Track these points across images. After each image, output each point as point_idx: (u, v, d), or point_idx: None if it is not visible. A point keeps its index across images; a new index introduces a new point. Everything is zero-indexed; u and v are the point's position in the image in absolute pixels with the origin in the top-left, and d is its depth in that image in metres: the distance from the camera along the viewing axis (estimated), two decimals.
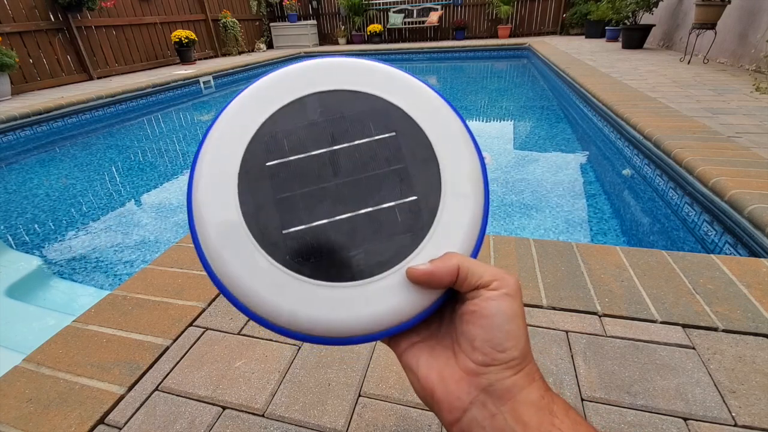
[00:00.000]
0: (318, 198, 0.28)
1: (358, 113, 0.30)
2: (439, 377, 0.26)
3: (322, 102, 0.30)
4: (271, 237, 0.27)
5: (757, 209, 1.27)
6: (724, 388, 0.69)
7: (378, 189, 0.28)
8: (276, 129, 0.29)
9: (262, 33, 9.92)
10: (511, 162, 2.69)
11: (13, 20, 4.82)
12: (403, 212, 0.28)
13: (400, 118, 0.30)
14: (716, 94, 2.87)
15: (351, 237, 0.27)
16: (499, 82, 5.98)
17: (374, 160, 0.29)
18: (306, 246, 0.27)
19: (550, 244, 1.12)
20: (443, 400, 0.25)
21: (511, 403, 0.24)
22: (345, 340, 0.27)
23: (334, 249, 0.27)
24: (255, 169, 0.28)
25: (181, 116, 4.61)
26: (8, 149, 3.48)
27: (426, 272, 0.26)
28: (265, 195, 0.27)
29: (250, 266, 0.26)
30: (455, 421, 0.25)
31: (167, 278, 1.06)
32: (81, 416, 0.70)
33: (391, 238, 0.27)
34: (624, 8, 5.61)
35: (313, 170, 0.28)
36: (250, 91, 0.31)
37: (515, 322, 0.25)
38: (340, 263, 0.27)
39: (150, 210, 2.28)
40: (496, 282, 0.25)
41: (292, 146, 0.28)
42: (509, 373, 0.24)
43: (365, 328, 0.27)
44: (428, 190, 0.28)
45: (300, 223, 0.27)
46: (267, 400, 0.72)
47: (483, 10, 8.98)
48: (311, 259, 0.27)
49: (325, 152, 0.28)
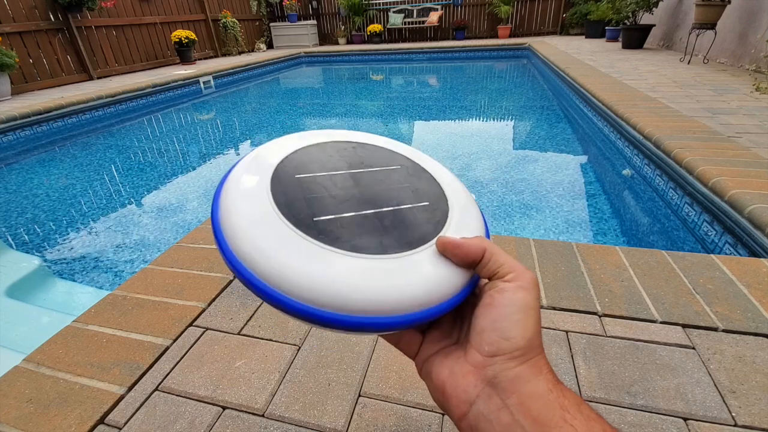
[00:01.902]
0: (344, 198, 0.30)
1: (377, 159, 0.35)
2: (449, 373, 0.26)
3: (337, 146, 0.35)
4: (304, 221, 0.28)
5: (757, 209, 1.27)
6: (724, 388, 0.69)
7: (395, 195, 0.32)
8: (303, 155, 0.33)
9: (262, 33, 9.92)
10: (511, 162, 2.69)
11: (13, 20, 4.82)
12: (420, 211, 0.31)
13: (403, 159, 0.36)
14: (716, 94, 2.87)
15: (379, 225, 0.29)
16: (499, 82, 5.98)
17: (388, 179, 0.33)
18: (337, 228, 0.28)
19: (550, 244, 1.12)
20: (452, 395, 0.25)
21: (517, 395, 0.23)
22: (368, 319, 0.25)
23: (364, 232, 0.28)
24: (285, 178, 0.30)
25: (181, 116, 4.61)
26: (8, 149, 3.48)
27: (455, 242, 0.27)
28: (296, 193, 0.29)
29: (283, 240, 0.26)
30: (463, 415, 0.25)
31: (167, 278, 1.06)
32: (81, 416, 0.70)
33: (416, 226, 0.30)
34: (624, 8, 5.61)
35: (337, 182, 0.31)
36: (293, 134, 0.36)
37: (525, 313, 0.24)
38: (372, 242, 0.28)
39: (150, 210, 2.28)
40: (512, 274, 0.26)
41: (316, 168, 0.32)
42: (513, 363, 0.24)
43: (411, 303, 0.26)
44: (438, 199, 0.33)
45: (330, 213, 0.29)
46: (267, 400, 0.72)
47: (483, 10, 8.98)
48: (345, 238, 0.27)
49: (347, 172, 0.33)
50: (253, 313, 0.93)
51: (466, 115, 4.15)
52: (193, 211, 2.22)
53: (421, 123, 3.96)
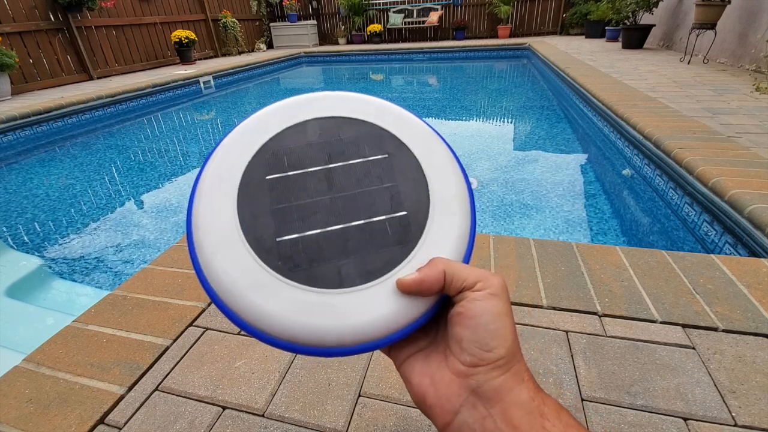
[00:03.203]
0: (312, 210, 0.29)
1: (354, 137, 0.32)
2: (431, 381, 0.26)
3: (322, 126, 0.32)
4: (265, 243, 0.27)
5: (757, 209, 1.27)
6: (724, 388, 0.69)
7: (370, 204, 0.29)
8: (278, 147, 0.31)
9: (262, 33, 9.92)
10: (511, 162, 2.69)
11: (13, 20, 4.82)
12: (393, 225, 0.29)
13: (392, 143, 0.32)
14: (716, 94, 2.87)
15: (342, 247, 0.28)
16: (499, 82, 5.98)
17: (367, 177, 0.30)
18: (298, 253, 0.27)
19: (550, 244, 1.12)
20: (435, 404, 0.25)
21: (501, 404, 0.23)
22: (336, 350, 0.27)
23: (326, 257, 0.27)
24: (255, 182, 0.29)
25: (181, 116, 4.61)
26: (8, 149, 3.48)
27: (415, 281, 0.27)
28: (263, 205, 0.29)
29: (241, 270, 0.27)
30: (447, 425, 0.25)
31: (167, 278, 1.06)
32: (81, 416, 0.70)
33: (382, 249, 0.28)
34: (624, 8, 5.61)
35: (309, 185, 0.30)
36: (256, 115, 0.33)
37: (501, 321, 0.24)
38: (330, 271, 0.27)
39: (150, 210, 2.28)
40: (480, 283, 0.25)
41: (291, 163, 0.30)
42: (497, 373, 0.24)
43: (356, 336, 0.26)
44: (417, 207, 0.30)
45: (294, 231, 0.28)
46: (267, 400, 0.72)
47: (483, 10, 8.98)
48: (303, 265, 0.27)
49: (322, 169, 0.30)
50: None
51: (466, 115, 4.15)
52: None
53: None
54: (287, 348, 0.27)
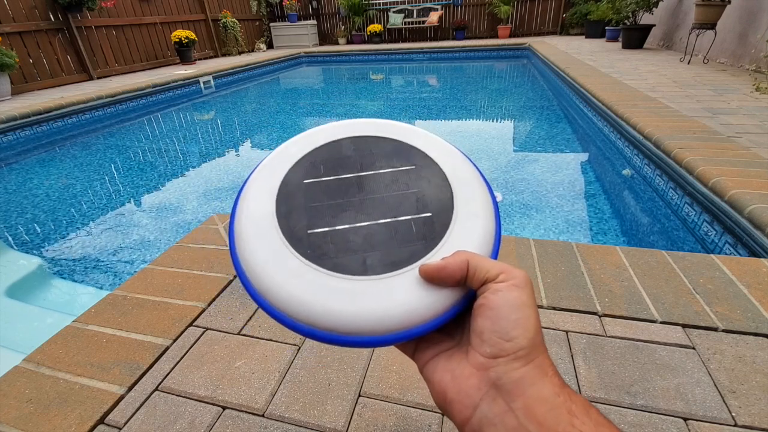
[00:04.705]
0: (343, 208, 0.31)
1: (384, 151, 0.35)
2: (451, 377, 0.25)
3: (355, 142, 0.36)
4: (297, 234, 0.30)
5: (757, 209, 1.27)
6: (724, 388, 0.69)
7: (397, 205, 0.32)
8: (315, 158, 0.35)
9: (262, 33, 9.92)
10: (511, 162, 2.69)
11: (13, 20, 4.82)
12: (418, 224, 0.31)
13: (420, 157, 0.35)
14: (716, 94, 2.87)
15: (369, 240, 0.30)
16: (499, 82, 5.98)
17: (395, 183, 0.33)
18: (327, 244, 0.30)
19: (550, 244, 1.12)
20: (454, 399, 0.25)
21: (523, 398, 0.22)
22: (355, 339, 0.27)
23: (352, 249, 0.29)
24: (294, 183, 0.33)
25: (181, 116, 4.61)
26: (8, 149, 3.48)
27: (438, 266, 0.27)
28: (298, 202, 0.32)
29: (272, 252, 0.29)
30: (466, 420, 0.24)
31: (167, 278, 1.06)
32: (81, 416, 0.70)
33: (407, 243, 0.30)
34: (624, 8, 5.61)
35: (341, 188, 0.33)
36: (298, 135, 0.37)
37: (523, 312, 0.24)
38: (356, 261, 0.29)
39: (150, 210, 2.28)
40: (503, 275, 0.25)
41: (326, 170, 0.34)
42: (518, 364, 0.23)
43: (376, 325, 0.27)
44: (442, 209, 0.32)
45: (324, 226, 0.31)
46: (267, 400, 0.72)
47: (483, 10, 8.98)
48: (330, 254, 0.29)
49: (354, 176, 0.33)
50: (253, 313, 0.93)
51: (466, 115, 4.15)
52: (192, 211, 2.22)
53: (421, 123, 3.96)
54: (310, 334, 0.28)
